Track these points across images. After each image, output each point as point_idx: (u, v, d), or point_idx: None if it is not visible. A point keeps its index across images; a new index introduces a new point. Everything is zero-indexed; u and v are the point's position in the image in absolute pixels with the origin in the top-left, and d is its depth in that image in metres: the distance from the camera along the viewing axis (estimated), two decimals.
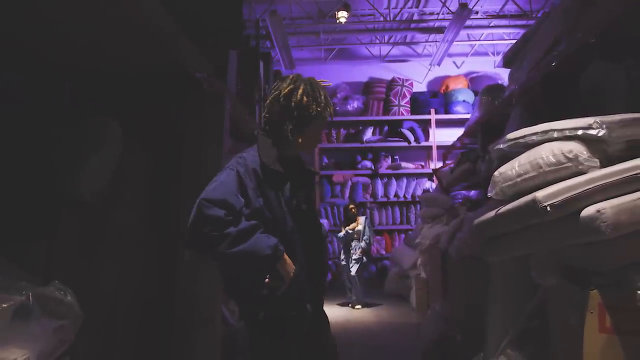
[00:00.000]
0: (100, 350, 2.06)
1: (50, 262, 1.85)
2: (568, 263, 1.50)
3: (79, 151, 2.12)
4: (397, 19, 7.49)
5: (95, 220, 2.19)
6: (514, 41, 4.31)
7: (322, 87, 1.79)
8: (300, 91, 1.71)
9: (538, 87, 2.80)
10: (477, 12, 7.30)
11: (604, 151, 1.49)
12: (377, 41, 8.47)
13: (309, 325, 1.71)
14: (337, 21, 7.02)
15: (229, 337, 3.14)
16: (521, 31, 6.49)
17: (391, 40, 8.47)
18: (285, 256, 1.60)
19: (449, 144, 6.28)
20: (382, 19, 7.48)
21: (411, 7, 7.47)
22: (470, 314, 2.98)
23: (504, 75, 5.69)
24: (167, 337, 2.48)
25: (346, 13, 6.80)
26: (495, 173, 1.74)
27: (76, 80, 2.60)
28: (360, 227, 6.27)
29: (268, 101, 1.78)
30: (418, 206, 7.84)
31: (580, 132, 1.48)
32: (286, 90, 1.72)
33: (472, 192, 5.01)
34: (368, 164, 8.32)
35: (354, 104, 8.32)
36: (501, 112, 3.50)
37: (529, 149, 1.63)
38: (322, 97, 1.75)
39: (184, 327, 2.50)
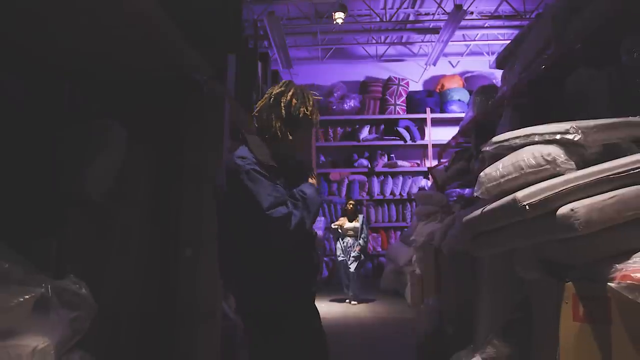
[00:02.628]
0: (106, 343, 2.15)
1: (60, 258, 1.94)
2: (547, 258, 1.60)
3: (84, 152, 2.20)
4: (393, 19, 7.56)
5: (101, 219, 2.27)
6: (508, 41, 4.40)
7: (312, 95, 1.89)
8: (290, 93, 1.82)
9: (528, 89, 2.89)
10: (472, 13, 7.38)
11: (581, 154, 1.58)
12: (374, 41, 8.55)
13: (302, 318, 1.79)
14: (334, 22, 7.08)
15: (229, 332, 3.23)
16: (515, 32, 6.59)
17: (387, 40, 8.55)
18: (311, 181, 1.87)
19: (445, 142, 6.37)
20: (378, 19, 7.55)
21: (407, 8, 7.54)
22: (462, 307, 3.07)
23: (498, 75, 5.77)
24: (169, 331, 2.56)
25: (343, 14, 6.85)
26: (481, 174, 1.83)
27: (77, 82, 2.66)
28: (357, 225, 6.41)
29: (260, 101, 1.88)
30: (414, 204, 7.94)
31: (558, 136, 1.58)
32: (277, 92, 1.83)
33: (467, 191, 5.10)
34: (364, 162, 8.41)
35: (351, 103, 8.39)
36: (494, 112, 3.58)
37: (512, 152, 1.73)
38: (311, 103, 1.85)
39: (185, 321, 2.58)
